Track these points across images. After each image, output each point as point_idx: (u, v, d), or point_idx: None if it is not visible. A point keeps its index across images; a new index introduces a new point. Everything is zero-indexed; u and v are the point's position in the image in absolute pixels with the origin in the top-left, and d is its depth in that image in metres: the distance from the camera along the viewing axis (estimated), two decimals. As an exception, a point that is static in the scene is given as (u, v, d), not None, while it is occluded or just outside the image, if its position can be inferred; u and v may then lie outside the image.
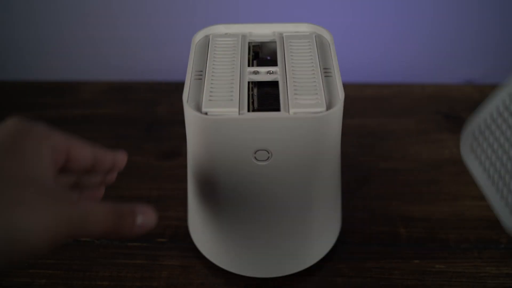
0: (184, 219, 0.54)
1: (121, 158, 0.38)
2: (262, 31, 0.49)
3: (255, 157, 0.40)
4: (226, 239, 0.47)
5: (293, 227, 0.46)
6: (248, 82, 0.43)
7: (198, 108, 0.40)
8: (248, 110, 0.40)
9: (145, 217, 0.32)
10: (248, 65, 0.45)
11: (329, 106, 0.40)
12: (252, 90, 0.43)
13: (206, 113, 0.39)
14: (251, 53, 0.47)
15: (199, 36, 0.48)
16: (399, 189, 0.58)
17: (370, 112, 0.69)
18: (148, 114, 0.69)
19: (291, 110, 0.39)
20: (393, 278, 0.49)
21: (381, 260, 0.51)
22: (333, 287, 0.48)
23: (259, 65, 0.46)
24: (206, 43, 0.48)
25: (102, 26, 0.74)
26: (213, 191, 0.44)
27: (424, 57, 0.76)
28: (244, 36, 0.48)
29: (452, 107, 0.70)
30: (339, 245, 0.51)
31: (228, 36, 0.48)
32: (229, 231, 0.46)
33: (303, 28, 0.49)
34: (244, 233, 0.46)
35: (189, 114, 0.40)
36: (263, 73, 0.44)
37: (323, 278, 0.49)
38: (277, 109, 0.40)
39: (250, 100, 0.42)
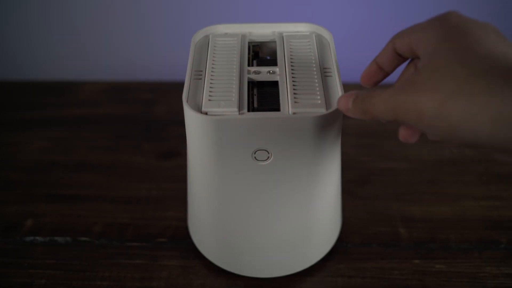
0: (184, 219, 0.54)
1: None
2: (262, 31, 0.49)
3: (255, 157, 0.40)
4: (226, 239, 0.47)
5: (293, 227, 0.46)
6: (248, 82, 0.43)
7: (198, 108, 0.40)
8: (248, 110, 0.40)
9: None
10: (248, 65, 0.45)
11: (329, 106, 0.40)
12: (252, 90, 0.43)
13: (206, 113, 0.39)
14: (251, 53, 0.47)
15: (199, 36, 0.48)
16: (399, 189, 0.58)
17: (370, 112, 0.69)
18: (148, 114, 0.69)
19: (291, 110, 0.39)
20: (393, 278, 0.49)
21: (381, 260, 0.51)
22: (333, 287, 0.48)
23: (259, 65, 0.46)
24: (206, 43, 0.48)
25: (102, 26, 0.74)
26: (213, 191, 0.44)
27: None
28: (244, 36, 0.48)
29: (452, 107, 0.70)
30: (339, 245, 0.51)
31: (228, 36, 0.48)
32: (229, 231, 0.46)
33: (303, 27, 0.49)
34: (244, 233, 0.46)
35: (189, 114, 0.40)
36: (263, 73, 0.44)
37: (323, 278, 0.49)
38: (277, 109, 0.40)
39: (250, 100, 0.42)
